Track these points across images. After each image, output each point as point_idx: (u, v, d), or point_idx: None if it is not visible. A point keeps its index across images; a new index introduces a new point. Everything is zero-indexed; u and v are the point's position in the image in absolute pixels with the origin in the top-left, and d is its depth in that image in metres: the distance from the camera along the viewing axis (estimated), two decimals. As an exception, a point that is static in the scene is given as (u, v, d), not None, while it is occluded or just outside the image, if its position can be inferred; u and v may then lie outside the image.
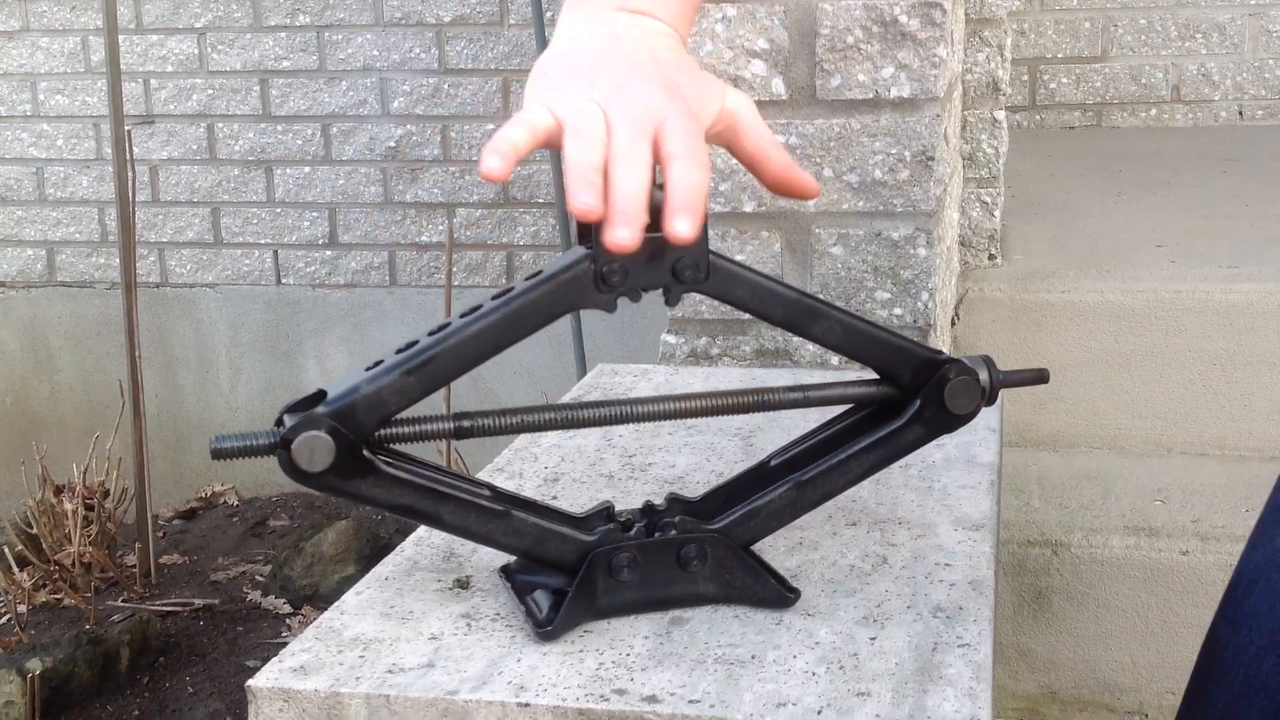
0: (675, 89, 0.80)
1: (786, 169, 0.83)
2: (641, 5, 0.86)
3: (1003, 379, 0.88)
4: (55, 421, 3.57)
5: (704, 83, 0.82)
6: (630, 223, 0.72)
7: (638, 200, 0.73)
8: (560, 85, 0.80)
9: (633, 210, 0.72)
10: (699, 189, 0.74)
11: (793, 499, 0.86)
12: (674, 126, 0.76)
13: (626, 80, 0.79)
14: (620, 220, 0.72)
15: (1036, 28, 3.49)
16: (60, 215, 3.53)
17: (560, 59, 0.82)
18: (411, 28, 3.26)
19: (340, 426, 0.77)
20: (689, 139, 0.76)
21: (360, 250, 3.38)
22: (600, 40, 0.83)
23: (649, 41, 0.84)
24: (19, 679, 2.09)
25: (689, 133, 0.76)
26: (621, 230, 0.72)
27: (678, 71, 0.82)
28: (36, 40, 3.45)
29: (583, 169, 0.73)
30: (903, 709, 0.73)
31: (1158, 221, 2.27)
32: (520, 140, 0.76)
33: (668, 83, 0.80)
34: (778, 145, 0.83)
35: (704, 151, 0.76)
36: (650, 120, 0.77)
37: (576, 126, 0.76)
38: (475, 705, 0.75)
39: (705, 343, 1.54)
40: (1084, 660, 1.68)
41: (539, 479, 1.10)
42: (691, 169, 0.74)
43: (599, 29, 0.84)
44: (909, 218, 1.47)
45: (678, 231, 0.72)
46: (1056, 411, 1.91)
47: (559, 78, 0.81)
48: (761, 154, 0.83)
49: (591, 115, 0.77)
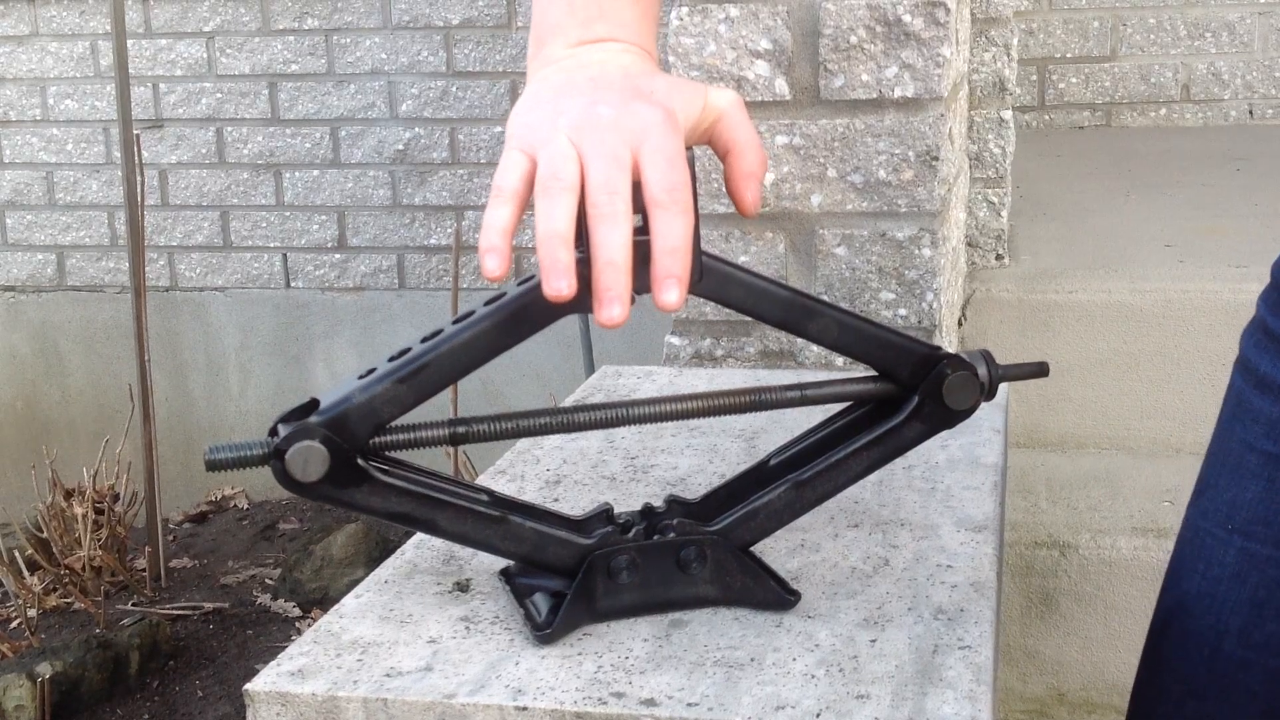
0: (647, 96, 0.77)
1: (748, 177, 0.80)
2: (600, 33, 0.84)
3: (1001, 373, 0.87)
4: (65, 425, 3.58)
5: (679, 85, 0.80)
6: (618, 300, 0.70)
7: (620, 270, 0.70)
8: (531, 121, 0.77)
9: (617, 286, 0.70)
10: (684, 251, 0.71)
11: (792, 499, 0.85)
12: (653, 149, 0.73)
13: (595, 98, 0.76)
14: (606, 300, 0.70)
15: (1045, 27, 3.48)
16: (70, 219, 3.54)
17: (529, 98, 0.80)
18: (419, 30, 3.26)
19: (334, 435, 0.76)
20: (671, 172, 0.73)
21: (369, 253, 3.38)
22: (566, 72, 0.81)
23: (616, 60, 0.82)
24: (29, 683, 2.09)
25: (670, 159, 0.73)
26: (610, 310, 0.70)
27: (650, 79, 0.79)
28: (46, 45, 3.46)
29: (549, 243, 0.70)
30: (902, 711, 0.73)
31: (1167, 221, 2.26)
32: (506, 221, 0.73)
33: (638, 91, 0.77)
34: (757, 147, 0.80)
35: (687, 182, 0.73)
36: (626, 143, 0.74)
37: (544, 180, 0.73)
38: (473, 708, 0.75)
39: (709, 344, 1.53)
40: (1092, 662, 1.67)
41: (540, 481, 1.09)
42: (674, 222, 0.71)
43: (565, 63, 0.82)
44: (913, 218, 1.47)
45: (666, 303, 0.70)
46: (1064, 412, 1.90)
47: (529, 114, 0.78)
48: (738, 150, 0.80)
49: (564, 159, 0.73)
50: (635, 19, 0.85)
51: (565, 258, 0.70)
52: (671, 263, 0.71)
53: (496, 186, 0.75)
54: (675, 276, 0.71)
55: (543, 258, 0.70)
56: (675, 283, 0.71)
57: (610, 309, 0.70)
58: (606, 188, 0.72)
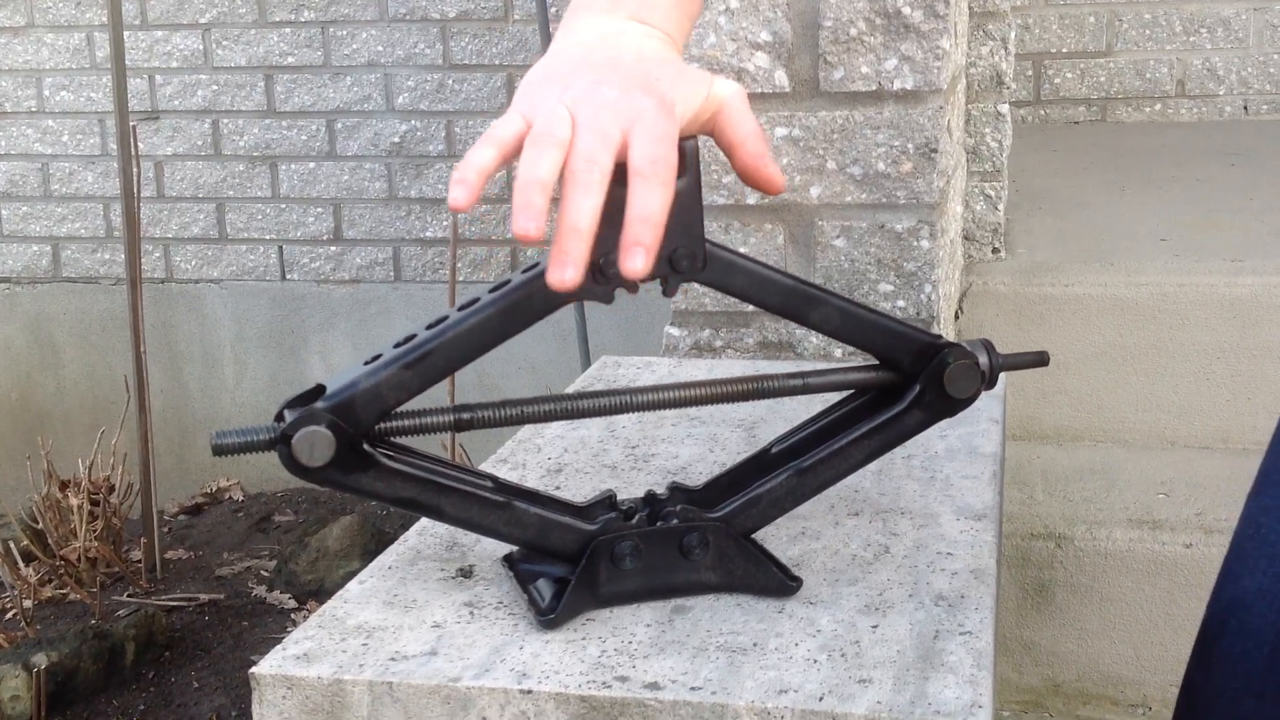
0: (653, 82, 0.78)
1: (756, 158, 0.80)
2: (632, 10, 0.85)
3: (1002, 362, 0.88)
4: (60, 417, 3.58)
5: (687, 75, 0.81)
6: (572, 263, 0.70)
7: (583, 237, 0.70)
8: (537, 91, 0.78)
9: (575, 251, 0.70)
10: (656, 221, 0.71)
11: (793, 486, 0.86)
12: (644, 129, 0.74)
13: (602, 77, 0.77)
14: (560, 260, 0.70)
15: (1041, 22, 3.49)
16: (65, 211, 3.54)
17: (543, 67, 0.81)
18: (416, 23, 3.26)
19: (340, 421, 0.77)
20: (656, 146, 0.73)
21: (365, 246, 3.38)
22: (586, 46, 0.82)
23: (636, 42, 0.83)
24: (25, 673, 2.10)
25: (658, 138, 0.74)
26: (559, 271, 0.70)
27: (661, 66, 0.80)
28: (41, 36, 3.46)
29: (527, 187, 0.71)
30: (904, 696, 0.73)
31: (1162, 215, 2.27)
32: (486, 161, 0.74)
33: (646, 75, 0.78)
34: (757, 136, 0.81)
35: (670, 159, 0.74)
36: (618, 121, 0.74)
37: (537, 133, 0.74)
38: (478, 692, 0.76)
39: (708, 335, 1.54)
40: (1087, 653, 1.68)
41: (542, 470, 1.10)
42: (652, 192, 0.72)
43: (587, 36, 0.83)
44: (912, 210, 1.48)
45: (629, 268, 0.70)
46: (1060, 405, 1.91)
47: (537, 85, 0.79)
48: (738, 141, 0.81)
49: (557, 119, 0.74)
50: (666, 6, 0.86)
51: (539, 202, 0.71)
52: (642, 231, 0.71)
53: (488, 134, 0.76)
54: (644, 245, 0.71)
55: (517, 198, 0.71)
56: (643, 251, 0.71)
57: (564, 271, 0.70)
58: (587, 156, 0.73)
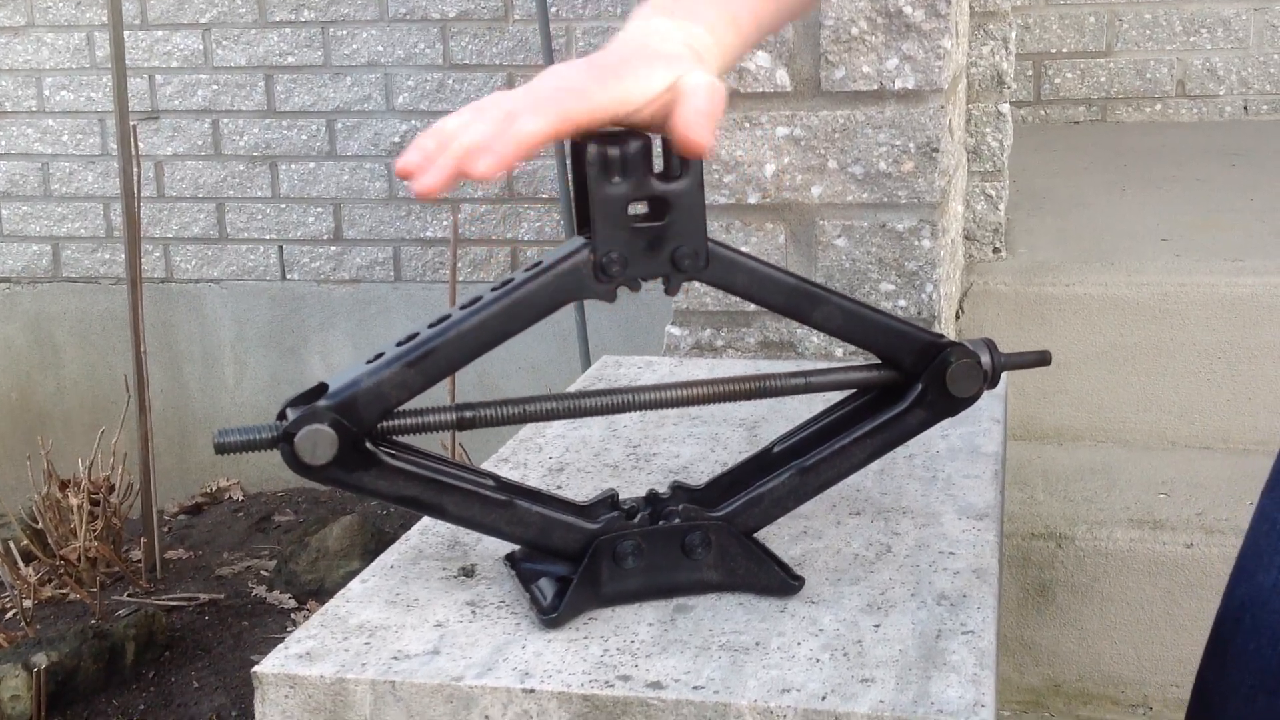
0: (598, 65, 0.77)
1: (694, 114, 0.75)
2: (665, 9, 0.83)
3: (1004, 361, 0.88)
4: (60, 416, 3.58)
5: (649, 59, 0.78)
6: (435, 175, 0.71)
7: (453, 154, 0.71)
8: None
9: (444, 165, 0.71)
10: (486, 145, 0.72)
11: (795, 485, 0.86)
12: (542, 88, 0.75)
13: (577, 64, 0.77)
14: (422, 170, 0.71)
15: (1041, 22, 3.49)
16: (65, 211, 3.54)
17: None
18: (416, 23, 3.26)
19: (342, 419, 0.77)
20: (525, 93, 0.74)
21: (365, 246, 3.38)
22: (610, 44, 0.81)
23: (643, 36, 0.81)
24: (25, 673, 2.09)
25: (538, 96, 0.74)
26: (423, 180, 0.71)
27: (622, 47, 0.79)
28: (42, 36, 3.46)
29: (434, 134, 0.73)
30: (907, 695, 0.73)
31: (1163, 215, 2.27)
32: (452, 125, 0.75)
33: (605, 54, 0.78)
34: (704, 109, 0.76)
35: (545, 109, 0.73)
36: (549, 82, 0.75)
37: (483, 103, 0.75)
38: (480, 691, 0.76)
39: (710, 334, 1.54)
40: (1088, 653, 1.68)
41: (543, 469, 1.10)
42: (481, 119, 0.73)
43: (622, 34, 0.82)
44: (913, 209, 1.47)
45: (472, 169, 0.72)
46: (1061, 405, 1.91)
47: None
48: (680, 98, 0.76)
49: (508, 96, 0.75)
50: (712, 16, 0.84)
51: (431, 148, 0.72)
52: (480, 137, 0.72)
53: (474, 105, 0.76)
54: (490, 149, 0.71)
55: (420, 139, 0.73)
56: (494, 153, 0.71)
57: (424, 178, 0.71)
58: (505, 105, 0.74)
